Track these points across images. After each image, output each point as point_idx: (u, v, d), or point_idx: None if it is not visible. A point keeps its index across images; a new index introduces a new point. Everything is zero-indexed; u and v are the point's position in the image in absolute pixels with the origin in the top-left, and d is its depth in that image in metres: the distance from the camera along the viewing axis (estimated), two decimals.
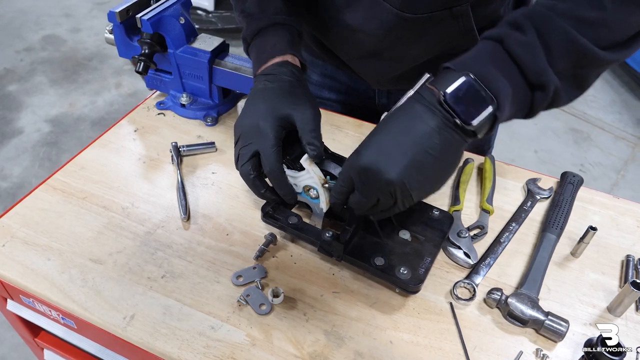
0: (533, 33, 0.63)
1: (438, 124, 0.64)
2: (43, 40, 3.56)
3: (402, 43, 0.97)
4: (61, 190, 0.97)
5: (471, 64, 0.64)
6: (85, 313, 0.78)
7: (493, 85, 0.62)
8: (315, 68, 1.22)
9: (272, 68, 0.85)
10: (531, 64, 0.63)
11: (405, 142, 0.64)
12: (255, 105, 0.82)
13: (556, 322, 0.78)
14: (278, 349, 0.75)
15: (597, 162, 2.97)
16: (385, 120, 0.69)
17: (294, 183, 0.84)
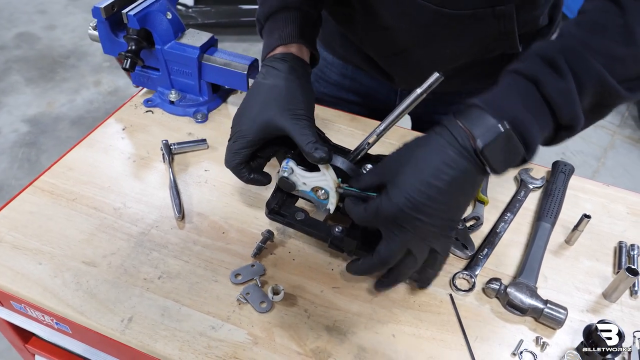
0: (570, 77, 0.60)
1: (469, 169, 0.63)
2: (17, 38, 3.47)
3: (437, 41, 0.94)
4: (49, 192, 0.94)
5: (505, 107, 0.61)
6: (81, 317, 0.77)
7: (528, 135, 0.61)
8: (334, 68, 1.19)
9: (273, 59, 0.83)
10: (567, 110, 0.61)
11: (437, 187, 0.63)
12: (250, 99, 0.83)
13: (555, 309, 0.78)
14: (280, 347, 0.74)
15: (578, 150, 3.02)
16: (415, 159, 0.65)
17: (303, 182, 0.81)
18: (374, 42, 1.04)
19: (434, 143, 0.64)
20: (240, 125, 0.82)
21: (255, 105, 0.80)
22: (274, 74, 0.81)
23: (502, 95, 0.63)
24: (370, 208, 0.68)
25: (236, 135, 0.81)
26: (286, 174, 0.80)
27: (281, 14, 0.85)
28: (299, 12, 0.86)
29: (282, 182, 0.82)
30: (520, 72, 0.63)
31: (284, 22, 0.85)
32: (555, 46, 0.63)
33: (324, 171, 0.78)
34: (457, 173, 0.62)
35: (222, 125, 1.10)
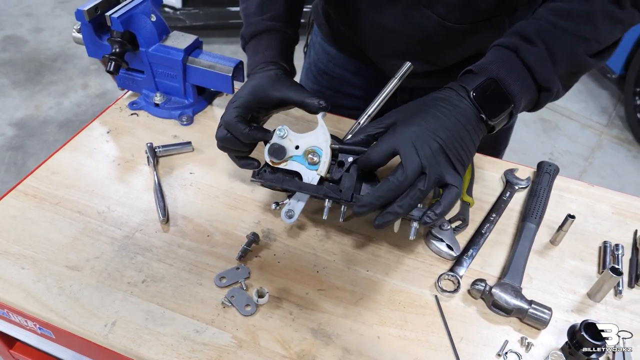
0: (542, 46, 0.75)
1: (468, 110, 0.75)
2: (3, 41, 3.44)
3: (436, 49, 0.99)
4: (32, 196, 0.93)
5: (492, 69, 0.75)
6: (64, 322, 0.76)
7: (511, 88, 0.74)
8: (338, 62, 1.20)
9: (261, 67, 0.90)
10: (541, 70, 0.75)
11: (451, 118, 0.73)
12: (241, 88, 0.87)
13: (540, 310, 0.79)
14: (265, 350, 0.74)
15: (565, 150, 3.04)
16: (428, 101, 0.76)
17: (295, 146, 0.81)
18: (375, 44, 1.06)
19: (436, 95, 0.77)
20: (234, 96, 0.86)
21: (246, 86, 0.85)
22: (265, 71, 0.88)
23: (489, 62, 0.76)
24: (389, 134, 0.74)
25: (233, 99, 0.85)
26: (279, 135, 0.81)
27: (264, 36, 0.94)
28: (280, 35, 0.94)
29: (272, 150, 0.81)
30: (502, 45, 0.78)
31: (267, 43, 0.93)
32: (530, 25, 0.78)
33: (322, 123, 0.80)
34: (458, 110, 0.74)
35: (208, 127, 1.09)
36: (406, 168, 0.71)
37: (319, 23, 1.21)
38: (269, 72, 0.88)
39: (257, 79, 0.86)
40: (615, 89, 3.48)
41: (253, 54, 0.93)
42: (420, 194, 0.72)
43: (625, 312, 0.83)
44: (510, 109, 0.75)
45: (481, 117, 0.75)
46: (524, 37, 0.76)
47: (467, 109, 0.74)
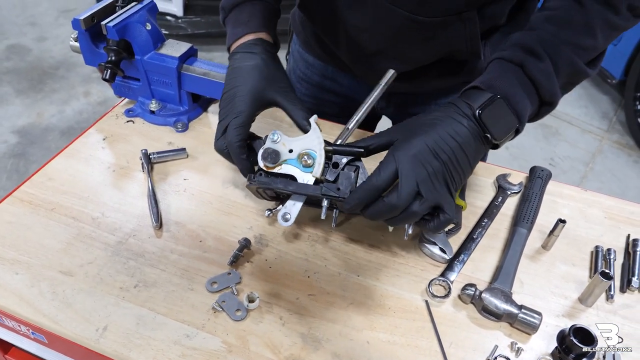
0: (548, 61, 0.74)
1: (474, 132, 0.73)
2: (7, 50, 3.47)
3: (408, 45, 0.98)
4: (28, 202, 0.94)
5: (499, 85, 0.74)
6: (56, 327, 0.77)
7: (519, 106, 0.73)
8: (315, 69, 1.21)
9: (246, 46, 0.88)
10: (548, 87, 0.75)
11: (445, 147, 0.71)
12: (234, 83, 0.86)
13: (529, 314, 0.79)
14: (255, 355, 0.74)
15: (566, 156, 3.04)
16: (428, 120, 0.74)
17: (289, 150, 0.80)
18: (347, 45, 1.06)
19: (440, 112, 0.75)
20: (234, 103, 0.84)
21: (243, 84, 0.84)
22: (251, 57, 0.87)
23: (495, 77, 0.75)
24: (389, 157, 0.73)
25: (234, 112, 0.83)
26: (272, 140, 0.80)
27: (247, 5, 0.92)
28: (263, 4, 0.92)
29: (266, 154, 0.80)
30: (507, 59, 0.76)
31: (250, 12, 0.91)
32: (532, 37, 0.76)
33: (316, 126, 0.81)
34: (461, 131, 0.72)
35: (203, 134, 1.10)
36: (401, 191, 0.70)
37: (296, 30, 1.22)
38: (256, 61, 0.86)
39: (247, 75, 0.85)
40: (615, 94, 3.48)
41: (234, 26, 0.92)
42: (414, 217, 0.73)
43: (616, 317, 0.83)
44: (516, 126, 0.74)
45: (486, 137, 0.73)
46: (529, 50, 0.74)
47: (469, 129, 0.72)
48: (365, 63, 1.07)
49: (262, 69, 0.86)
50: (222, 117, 0.85)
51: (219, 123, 0.85)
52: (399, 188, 0.70)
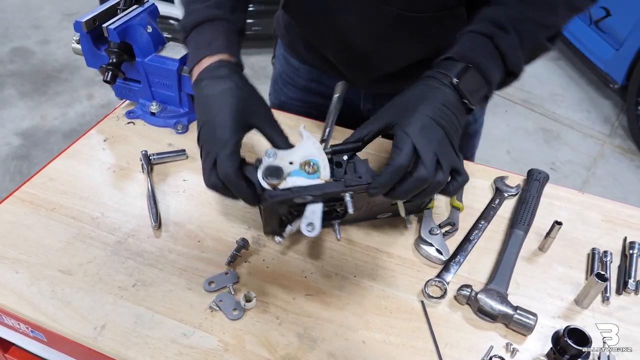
0: (515, 35, 0.79)
1: (453, 98, 0.77)
2: (11, 53, 3.50)
3: (398, 44, 1.00)
4: (29, 202, 0.95)
5: (471, 56, 0.79)
6: (54, 325, 0.77)
7: (489, 74, 0.78)
8: (301, 73, 1.22)
9: (211, 70, 0.81)
10: (514, 59, 0.80)
11: (441, 109, 0.76)
12: (209, 112, 0.77)
13: (525, 315, 0.79)
14: (251, 354, 0.75)
15: (567, 160, 3.04)
16: (417, 93, 0.78)
17: (289, 162, 0.77)
18: (335, 47, 1.07)
19: (423, 86, 0.79)
20: (216, 134, 0.75)
21: (221, 112, 0.76)
22: (221, 82, 0.79)
23: (467, 49, 0.80)
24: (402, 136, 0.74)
25: (220, 143, 0.75)
26: (271, 159, 0.76)
27: (208, 25, 0.85)
28: (225, 24, 0.86)
29: (269, 172, 0.75)
30: (478, 32, 0.81)
31: (212, 33, 0.85)
32: (501, 13, 0.81)
33: (308, 135, 0.79)
34: (446, 98, 0.77)
35: None
36: (426, 163, 0.72)
37: (280, 34, 1.22)
38: (228, 85, 0.79)
39: (223, 101, 0.77)
40: (617, 99, 3.48)
41: (196, 47, 0.85)
42: (439, 186, 0.74)
43: (612, 319, 0.84)
44: (486, 92, 0.80)
45: (464, 103, 0.78)
46: (498, 24, 0.80)
47: (451, 95, 0.77)
48: (354, 64, 1.08)
49: (236, 93, 0.79)
50: (206, 150, 0.76)
51: (204, 158, 0.76)
52: (423, 160, 0.72)
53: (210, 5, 0.86)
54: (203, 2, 0.86)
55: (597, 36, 3.39)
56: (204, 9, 0.85)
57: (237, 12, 0.89)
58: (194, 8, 0.86)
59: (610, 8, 3.27)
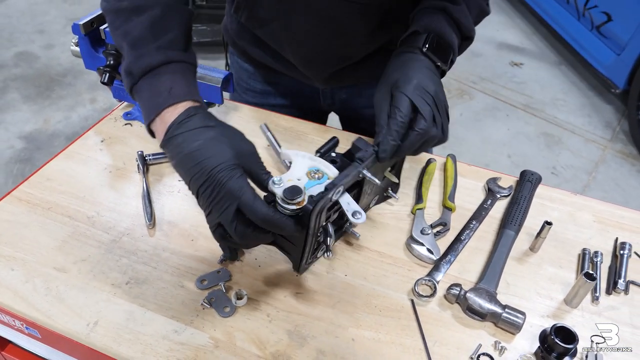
0: (463, 4, 0.92)
1: (430, 62, 0.87)
2: (16, 57, 3.53)
3: (355, 38, 1.04)
4: (26, 201, 0.97)
5: (433, 27, 0.88)
6: (48, 321, 0.78)
7: (450, 38, 0.89)
8: (257, 77, 1.24)
9: (183, 123, 0.72)
10: (466, 24, 0.92)
11: (427, 71, 0.85)
12: (204, 168, 0.69)
13: (513, 314, 0.80)
14: (241, 350, 0.76)
15: (568, 165, 3.03)
16: (400, 63, 0.87)
17: (297, 178, 0.76)
18: (292, 48, 1.09)
19: (399, 58, 0.88)
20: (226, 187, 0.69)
21: (220, 165, 0.69)
22: (199, 133, 0.72)
23: (428, 22, 0.89)
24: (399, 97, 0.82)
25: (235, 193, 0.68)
26: (281, 184, 0.73)
27: (164, 68, 0.76)
28: (181, 66, 0.78)
29: (289, 193, 0.72)
30: (432, 7, 0.91)
31: (170, 78, 0.76)
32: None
33: (298, 153, 0.81)
34: (424, 63, 0.86)
35: None
36: (426, 116, 0.80)
37: (231, 43, 1.23)
38: (210, 134, 0.72)
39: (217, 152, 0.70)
40: (619, 104, 3.48)
41: (152, 96, 0.75)
42: (436, 137, 0.83)
43: (601, 318, 0.84)
44: (452, 56, 0.90)
45: (437, 66, 0.88)
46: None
47: (427, 61, 0.87)
48: (311, 62, 1.11)
49: (223, 141, 0.72)
50: (220, 209, 0.69)
51: (219, 215, 0.70)
52: (424, 114, 0.80)
53: (162, 46, 0.77)
54: (153, 42, 0.77)
55: (599, 41, 3.39)
56: (155, 51, 0.76)
57: (190, 49, 0.82)
58: (143, 51, 0.76)
59: (611, 13, 3.28)
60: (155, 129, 0.76)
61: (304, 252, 0.80)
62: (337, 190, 0.76)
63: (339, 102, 1.23)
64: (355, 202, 0.78)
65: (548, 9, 3.91)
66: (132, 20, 0.78)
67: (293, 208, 0.72)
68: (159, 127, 0.75)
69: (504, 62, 3.86)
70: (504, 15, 4.46)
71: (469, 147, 3.10)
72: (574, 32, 3.62)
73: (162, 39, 0.78)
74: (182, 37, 0.81)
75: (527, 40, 4.15)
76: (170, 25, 0.79)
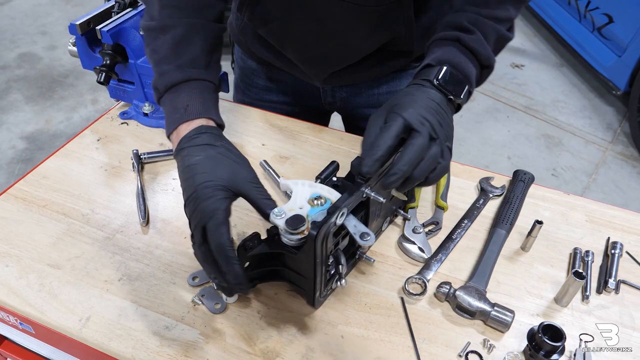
0: (478, 32, 0.86)
1: (441, 95, 0.82)
2: (19, 58, 3.56)
3: (355, 37, 1.04)
4: (22, 199, 0.98)
5: (446, 58, 0.84)
6: (41, 316, 0.79)
7: (465, 70, 0.84)
8: (260, 74, 1.25)
9: (191, 138, 0.77)
10: (483, 52, 0.86)
11: (430, 102, 0.80)
12: (194, 181, 0.73)
13: (502, 312, 0.80)
14: (231, 346, 0.77)
15: (568, 167, 3.03)
16: (405, 93, 0.82)
17: (299, 207, 0.75)
18: (292, 47, 1.10)
19: (409, 90, 0.83)
20: (205, 203, 0.71)
21: (207, 180, 0.72)
22: (201, 150, 0.76)
23: (440, 54, 0.85)
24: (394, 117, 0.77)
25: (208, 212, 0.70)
26: (282, 216, 0.72)
27: (184, 86, 0.81)
28: (200, 84, 0.82)
29: (291, 223, 0.72)
30: (445, 38, 0.87)
31: (188, 96, 0.81)
32: (460, 17, 0.87)
33: (294, 186, 0.78)
34: (432, 96, 0.81)
35: None
36: (421, 131, 0.74)
37: (236, 40, 1.24)
38: (210, 153, 0.75)
39: (209, 170, 0.73)
40: (620, 105, 3.47)
41: (172, 112, 0.81)
42: (437, 157, 0.76)
43: (591, 317, 0.84)
44: (468, 87, 0.85)
45: (450, 99, 0.83)
46: (460, 27, 0.86)
47: (437, 94, 0.82)
48: (312, 61, 1.11)
49: (219, 160, 0.75)
50: (195, 221, 0.72)
51: (194, 229, 0.72)
52: (419, 130, 0.74)
53: (183, 65, 0.82)
54: (175, 61, 0.82)
55: (600, 43, 3.39)
56: (176, 69, 0.81)
57: (212, 66, 0.86)
58: (166, 68, 0.82)
59: (613, 15, 3.27)
60: (172, 141, 0.82)
61: (315, 283, 0.76)
62: (341, 213, 0.73)
63: (339, 101, 1.24)
64: (362, 225, 0.75)
65: (549, 11, 3.91)
66: (159, 39, 0.84)
67: (297, 238, 0.72)
68: (174, 140, 0.81)
69: (504, 63, 3.86)
70: None
71: (468, 148, 3.10)
72: (575, 34, 3.62)
73: (183, 58, 0.83)
74: (203, 55, 0.85)
75: (529, 42, 4.14)
76: (192, 43, 0.84)
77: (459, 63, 0.84)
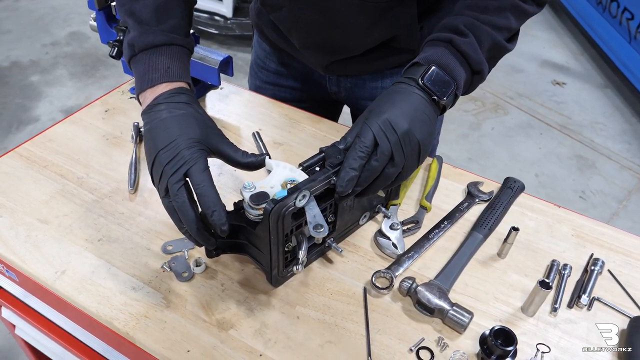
0: (472, 36, 0.86)
1: (425, 97, 0.83)
2: (69, 36, 3.73)
3: (356, 32, 1.06)
4: (26, 157, 1.04)
5: (434, 58, 0.84)
6: (22, 265, 0.85)
7: (453, 72, 0.84)
8: (273, 57, 1.29)
9: (170, 96, 0.80)
10: (475, 57, 0.86)
11: (409, 107, 0.81)
12: (170, 134, 0.76)
13: (460, 313, 0.80)
14: (190, 313, 0.80)
15: (598, 190, 2.93)
16: (386, 95, 0.84)
17: (270, 186, 0.78)
18: (298, 33, 1.13)
19: (390, 91, 0.85)
20: (182, 154, 0.74)
21: (184, 134, 0.76)
22: (179, 106, 0.79)
23: (430, 53, 0.86)
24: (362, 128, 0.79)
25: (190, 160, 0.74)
26: (251, 190, 0.76)
27: (165, 49, 0.84)
28: (179, 49, 0.85)
29: (255, 198, 0.75)
30: (437, 39, 0.87)
31: (169, 58, 0.83)
32: (457, 20, 0.88)
33: (275, 167, 0.80)
34: (419, 97, 0.82)
35: None
36: (381, 152, 0.77)
37: (253, 22, 1.29)
38: (188, 110, 0.79)
39: (185, 125, 0.77)
40: None
41: (149, 70, 0.82)
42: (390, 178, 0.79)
43: (556, 330, 0.83)
44: (454, 89, 0.84)
45: (433, 99, 0.83)
46: (455, 30, 0.87)
47: (419, 95, 0.82)
48: (315, 49, 1.14)
49: (197, 118, 0.79)
50: (174, 168, 0.73)
51: (171, 175, 0.73)
52: (380, 149, 0.76)
53: (167, 29, 0.84)
54: (157, 25, 0.84)
55: None
56: (160, 32, 0.84)
57: (188, 37, 0.89)
58: (147, 29, 0.84)
59: None
60: (144, 99, 0.83)
61: (272, 260, 0.79)
62: (302, 195, 0.74)
63: (344, 91, 1.26)
64: (322, 217, 0.75)
65: (599, 30, 3.79)
66: (138, 2, 0.86)
67: (258, 213, 0.75)
68: (148, 97, 0.82)
69: (545, 80, 3.76)
70: (552, 32, 4.35)
71: (495, 162, 3.04)
72: (624, 55, 3.49)
73: (166, 23, 0.85)
74: (184, 23, 0.89)
75: (574, 60, 4.03)
76: (173, 11, 0.87)
77: (447, 64, 0.84)
